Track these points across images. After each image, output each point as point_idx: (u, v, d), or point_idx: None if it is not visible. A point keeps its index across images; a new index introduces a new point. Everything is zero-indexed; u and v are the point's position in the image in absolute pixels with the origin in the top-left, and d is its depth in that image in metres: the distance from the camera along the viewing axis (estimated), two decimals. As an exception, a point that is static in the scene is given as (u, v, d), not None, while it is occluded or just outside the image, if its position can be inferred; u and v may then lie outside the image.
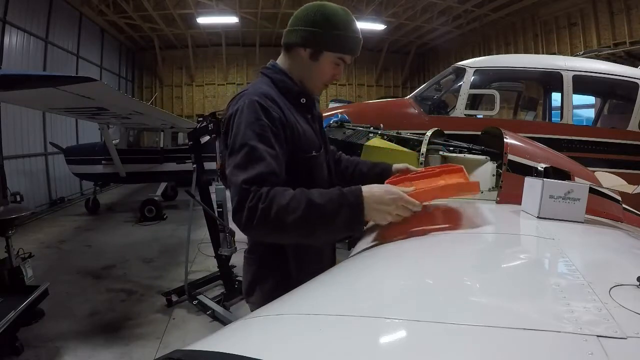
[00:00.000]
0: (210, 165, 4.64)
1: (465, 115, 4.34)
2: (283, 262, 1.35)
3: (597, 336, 0.56)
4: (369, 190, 1.13)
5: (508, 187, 1.54)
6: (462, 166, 1.43)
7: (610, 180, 2.29)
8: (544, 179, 1.26)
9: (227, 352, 0.58)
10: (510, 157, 1.57)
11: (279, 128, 1.21)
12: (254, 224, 1.07)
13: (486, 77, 4.61)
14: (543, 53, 10.07)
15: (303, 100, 1.35)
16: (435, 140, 1.94)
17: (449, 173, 1.42)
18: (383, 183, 1.33)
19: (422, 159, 1.82)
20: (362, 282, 0.90)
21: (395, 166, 1.56)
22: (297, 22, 1.32)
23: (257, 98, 1.20)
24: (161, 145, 8.51)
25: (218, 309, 3.79)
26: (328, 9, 1.30)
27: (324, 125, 1.68)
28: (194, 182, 4.21)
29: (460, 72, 4.56)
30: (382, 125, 3.05)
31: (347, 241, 1.67)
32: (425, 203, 1.22)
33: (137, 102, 5.51)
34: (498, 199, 1.57)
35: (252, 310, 1.35)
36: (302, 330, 0.68)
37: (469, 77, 4.39)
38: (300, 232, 1.10)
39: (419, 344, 0.60)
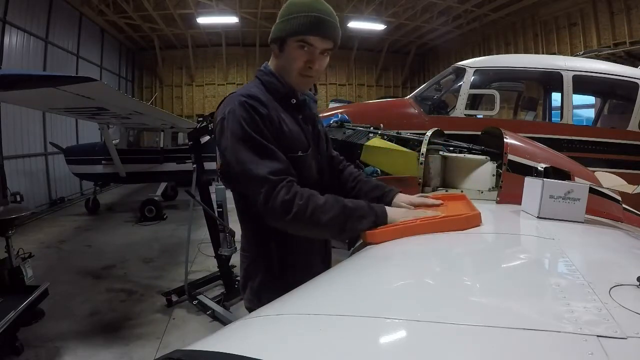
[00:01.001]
0: (210, 165, 4.64)
1: (465, 115, 4.33)
2: (268, 261, 1.39)
3: (597, 336, 0.56)
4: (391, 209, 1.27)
5: (508, 187, 1.54)
6: (465, 194, 1.41)
7: (610, 180, 2.29)
8: (544, 179, 1.26)
9: (227, 352, 0.58)
10: (510, 157, 1.57)
11: (267, 125, 1.26)
12: (290, 217, 1.17)
13: (486, 77, 4.61)
14: (543, 53, 10.07)
15: (293, 101, 1.37)
16: (435, 140, 1.94)
17: (453, 200, 1.42)
18: None
19: (422, 159, 1.82)
20: (362, 282, 0.90)
21: (400, 196, 1.43)
22: None
23: (244, 99, 1.26)
24: (161, 145, 8.50)
25: (218, 309, 3.79)
26: (292, 1, 1.31)
27: (324, 125, 1.67)
28: (194, 182, 4.21)
29: (460, 72, 4.55)
30: (382, 125, 3.05)
31: (347, 241, 1.65)
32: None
33: (137, 102, 5.50)
34: (498, 199, 1.57)
35: (245, 307, 1.43)
36: (302, 330, 0.68)
37: (469, 77, 4.38)
38: (332, 229, 1.22)
39: (419, 344, 0.60)
